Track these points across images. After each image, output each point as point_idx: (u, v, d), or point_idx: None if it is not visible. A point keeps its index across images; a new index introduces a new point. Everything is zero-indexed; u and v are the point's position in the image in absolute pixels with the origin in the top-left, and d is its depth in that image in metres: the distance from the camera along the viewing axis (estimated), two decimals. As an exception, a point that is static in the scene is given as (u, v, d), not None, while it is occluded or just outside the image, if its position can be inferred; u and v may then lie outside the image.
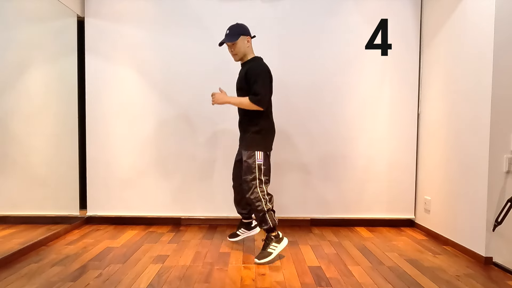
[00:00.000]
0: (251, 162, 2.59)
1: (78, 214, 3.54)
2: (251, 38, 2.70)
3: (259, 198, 2.57)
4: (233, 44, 2.63)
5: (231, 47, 2.66)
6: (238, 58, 2.70)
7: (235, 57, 2.70)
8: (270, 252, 2.57)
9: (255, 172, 2.58)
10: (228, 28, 2.66)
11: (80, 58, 3.53)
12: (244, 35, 2.65)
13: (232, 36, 2.61)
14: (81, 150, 3.56)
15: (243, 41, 2.64)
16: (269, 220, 2.59)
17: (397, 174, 3.59)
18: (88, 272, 2.37)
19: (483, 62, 2.61)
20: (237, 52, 2.65)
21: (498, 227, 2.50)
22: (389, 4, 3.53)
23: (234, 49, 2.65)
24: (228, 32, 2.64)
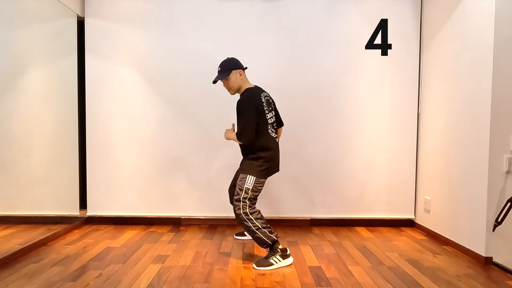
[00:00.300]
0: (240, 183, 2.60)
1: (78, 214, 3.54)
2: (243, 70, 2.69)
3: (244, 219, 2.54)
4: (226, 80, 2.65)
5: (225, 83, 2.69)
6: (233, 92, 2.71)
7: (230, 91, 2.71)
8: (271, 263, 2.50)
9: (241, 194, 2.56)
10: (219, 65, 2.67)
11: (80, 58, 3.53)
12: (236, 69, 2.65)
13: (223, 73, 2.64)
14: (81, 150, 3.56)
15: (235, 75, 2.65)
16: (263, 238, 2.52)
17: (397, 174, 3.59)
18: (88, 272, 2.37)
19: (483, 62, 2.61)
20: (231, 86, 2.67)
21: (498, 227, 2.50)
22: (389, 4, 3.53)
23: (228, 84, 2.67)
24: (219, 69, 2.66)
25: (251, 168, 2.60)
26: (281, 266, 2.51)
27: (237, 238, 3.15)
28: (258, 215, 2.56)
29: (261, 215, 2.59)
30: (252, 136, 2.55)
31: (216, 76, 2.67)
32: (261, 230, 2.52)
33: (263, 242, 2.54)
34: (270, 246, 2.54)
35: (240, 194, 2.56)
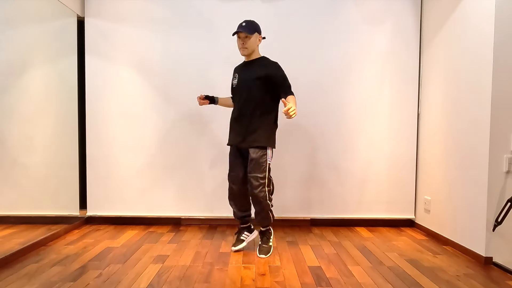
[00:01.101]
0: (262, 160, 2.59)
1: (78, 214, 3.54)
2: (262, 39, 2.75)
3: (266, 197, 2.63)
4: (246, 37, 2.63)
5: (243, 40, 2.65)
6: (247, 52, 2.69)
7: (244, 50, 2.68)
8: (271, 246, 2.73)
9: (266, 171, 2.60)
10: (244, 21, 2.66)
11: (80, 58, 3.53)
12: (258, 33, 2.69)
13: (249, 29, 2.62)
14: (81, 150, 3.56)
15: (256, 38, 2.67)
16: (271, 217, 2.72)
17: (397, 174, 3.59)
18: (88, 272, 2.37)
19: (483, 62, 2.61)
20: (248, 46, 2.65)
21: (498, 227, 2.50)
22: (389, 4, 3.53)
23: (246, 42, 2.64)
24: (244, 24, 2.64)
25: (271, 139, 2.65)
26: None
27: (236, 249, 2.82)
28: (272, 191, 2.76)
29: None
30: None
31: (238, 28, 2.62)
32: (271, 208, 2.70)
33: (270, 220, 2.74)
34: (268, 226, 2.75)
35: (265, 171, 2.59)
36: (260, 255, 2.63)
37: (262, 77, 2.63)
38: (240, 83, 2.75)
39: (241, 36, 2.65)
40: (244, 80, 2.73)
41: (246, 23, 2.65)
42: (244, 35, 2.64)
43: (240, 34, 2.65)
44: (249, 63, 2.75)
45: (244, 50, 2.69)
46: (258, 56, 2.75)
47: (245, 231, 2.93)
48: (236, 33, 2.66)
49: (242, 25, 2.65)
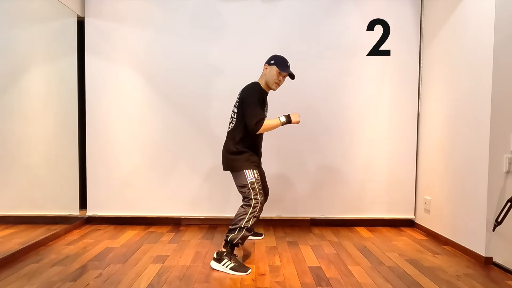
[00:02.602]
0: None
1: (78, 214, 3.54)
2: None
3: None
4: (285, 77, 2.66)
5: (283, 79, 2.66)
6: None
7: (277, 87, 2.68)
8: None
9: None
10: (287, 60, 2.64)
11: (80, 58, 3.53)
12: None
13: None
14: (81, 150, 3.56)
15: None
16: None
17: (397, 174, 3.59)
18: (88, 272, 2.37)
19: (483, 62, 2.61)
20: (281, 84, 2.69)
21: (498, 227, 2.50)
22: (389, 4, 3.53)
23: (283, 82, 2.68)
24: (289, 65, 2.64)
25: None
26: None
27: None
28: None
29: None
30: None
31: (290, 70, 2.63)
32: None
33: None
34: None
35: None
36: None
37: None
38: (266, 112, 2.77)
39: (284, 75, 2.63)
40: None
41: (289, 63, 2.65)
42: (285, 75, 2.64)
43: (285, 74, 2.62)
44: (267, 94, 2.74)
45: (277, 87, 2.68)
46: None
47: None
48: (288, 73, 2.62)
49: (289, 65, 2.63)
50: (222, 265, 2.43)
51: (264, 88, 2.64)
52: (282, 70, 2.59)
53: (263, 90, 2.63)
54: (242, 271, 2.39)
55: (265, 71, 2.64)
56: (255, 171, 2.58)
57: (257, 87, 2.61)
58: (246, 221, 2.48)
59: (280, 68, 2.58)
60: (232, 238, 2.46)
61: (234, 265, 2.42)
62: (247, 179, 2.53)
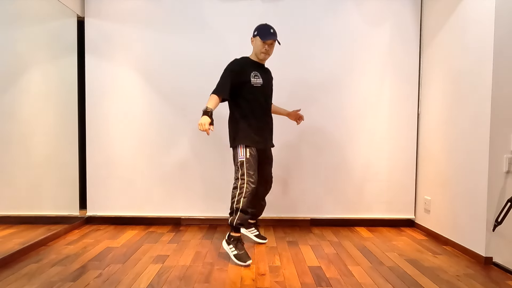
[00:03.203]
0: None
1: (78, 214, 3.54)
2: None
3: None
4: (272, 44, 2.65)
5: (269, 47, 2.65)
6: (267, 58, 2.73)
7: (266, 57, 2.70)
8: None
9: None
10: (269, 26, 2.64)
11: (80, 58, 3.53)
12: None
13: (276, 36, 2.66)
14: (81, 150, 3.56)
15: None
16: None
17: (397, 174, 3.59)
18: (88, 272, 2.37)
19: (483, 62, 2.61)
20: (271, 53, 2.69)
21: (498, 227, 2.50)
22: (389, 4, 3.53)
23: (271, 49, 2.68)
24: (272, 31, 2.63)
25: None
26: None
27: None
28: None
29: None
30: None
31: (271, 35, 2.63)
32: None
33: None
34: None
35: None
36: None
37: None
38: (265, 84, 2.75)
39: (271, 43, 2.64)
40: (267, 81, 2.79)
41: (273, 30, 2.64)
42: (271, 42, 2.64)
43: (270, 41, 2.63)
44: (262, 67, 2.78)
45: (266, 57, 2.70)
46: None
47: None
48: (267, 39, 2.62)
49: (271, 31, 2.62)
50: (229, 249, 2.59)
51: (255, 60, 2.72)
52: (264, 39, 2.61)
53: (250, 61, 2.71)
54: (242, 261, 2.49)
55: (252, 44, 2.71)
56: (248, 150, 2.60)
57: (237, 59, 2.70)
58: (236, 202, 2.56)
59: (262, 38, 2.60)
60: (231, 221, 2.59)
61: (237, 253, 2.52)
62: (238, 157, 2.62)
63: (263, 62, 2.78)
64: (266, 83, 2.76)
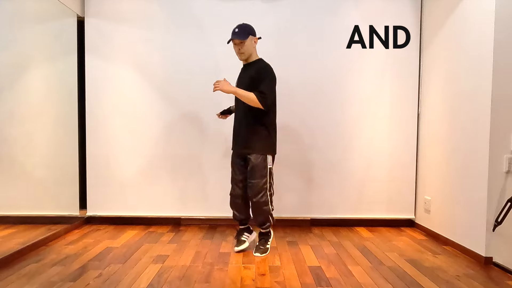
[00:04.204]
0: (262, 166, 2.61)
1: (78, 214, 3.54)
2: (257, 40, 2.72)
3: (268, 202, 2.63)
4: (241, 42, 2.62)
5: (238, 46, 2.64)
6: (244, 57, 2.69)
7: (241, 55, 2.68)
8: (268, 248, 2.71)
9: (267, 176, 2.62)
10: (236, 27, 2.64)
11: (80, 58, 3.53)
12: (253, 35, 2.66)
13: (242, 34, 2.60)
14: (81, 150, 3.56)
15: (251, 41, 2.65)
16: (271, 219, 2.71)
17: (397, 174, 3.59)
18: (88, 272, 2.37)
19: (483, 62, 2.61)
20: (244, 51, 2.65)
21: (498, 227, 2.50)
22: (389, 4, 3.53)
23: (242, 47, 2.63)
24: (237, 30, 2.62)
25: (268, 146, 2.66)
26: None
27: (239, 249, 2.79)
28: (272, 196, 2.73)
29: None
30: (271, 105, 2.60)
31: (232, 36, 2.61)
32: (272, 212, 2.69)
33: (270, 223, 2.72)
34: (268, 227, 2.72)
35: (266, 176, 2.61)
36: (255, 253, 2.63)
37: (254, 77, 2.61)
38: (238, 86, 2.74)
39: (236, 42, 2.64)
40: (241, 83, 2.74)
41: (239, 28, 2.63)
42: (239, 41, 2.63)
43: (235, 40, 2.63)
44: (247, 66, 2.75)
45: (241, 56, 2.69)
46: (255, 59, 2.73)
47: (245, 232, 2.93)
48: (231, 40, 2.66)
49: (235, 31, 2.62)
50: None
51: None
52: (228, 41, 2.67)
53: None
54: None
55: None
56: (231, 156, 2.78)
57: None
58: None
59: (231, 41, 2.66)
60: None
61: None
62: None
63: (245, 62, 2.75)
64: (238, 83, 2.75)
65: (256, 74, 2.60)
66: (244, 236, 2.88)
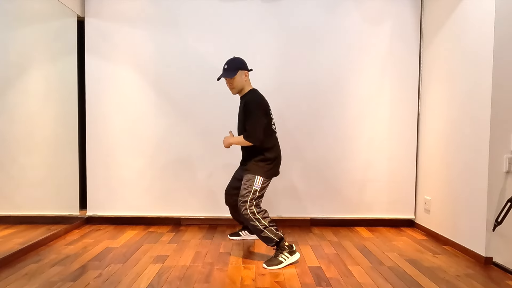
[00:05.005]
0: (248, 184, 2.60)
1: (78, 214, 3.54)
2: (248, 72, 2.70)
3: (251, 219, 2.55)
4: (231, 79, 2.64)
5: (229, 82, 2.67)
6: (235, 91, 2.71)
7: (232, 90, 2.70)
8: (281, 261, 2.51)
9: (249, 195, 2.57)
10: (226, 63, 2.66)
11: (80, 58, 3.53)
12: (242, 70, 2.65)
13: (230, 72, 2.62)
14: (81, 150, 3.56)
15: (241, 75, 2.64)
16: (270, 236, 2.54)
17: (397, 174, 3.59)
18: (88, 272, 2.37)
19: (483, 62, 2.61)
20: (234, 86, 2.66)
21: (498, 227, 2.50)
22: (389, 4, 3.53)
23: (232, 83, 2.66)
24: (226, 67, 2.64)
25: (259, 169, 2.63)
26: (290, 262, 2.53)
27: (232, 238, 3.14)
28: (264, 214, 2.59)
29: (267, 214, 2.62)
30: (261, 137, 2.57)
31: (221, 74, 2.65)
32: (268, 228, 2.54)
33: (271, 240, 2.56)
34: (277, 244, 2.56)
35: (248, 196, 2.57)
36: (264, 263, 2.53)
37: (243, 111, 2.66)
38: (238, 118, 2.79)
39: (226, 79, 2.67)
40: (238, 115, 2.78)
41: (227, 64, 2.64)
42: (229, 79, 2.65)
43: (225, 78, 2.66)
44: (242, 98, 2.74)
45: (232, 90, 2.71)
46: (247, 91, 2.71)
47: (246, 230, 3.10)
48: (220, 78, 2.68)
49: (224, 68, 2.64)
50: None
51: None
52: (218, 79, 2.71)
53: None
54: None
55: None
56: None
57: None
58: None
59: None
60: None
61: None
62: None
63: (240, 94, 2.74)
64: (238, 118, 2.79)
65: (244, 111, 2.64)
66: (242, 232, 3.10)
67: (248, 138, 2.57)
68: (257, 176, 2.61)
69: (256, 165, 2.63)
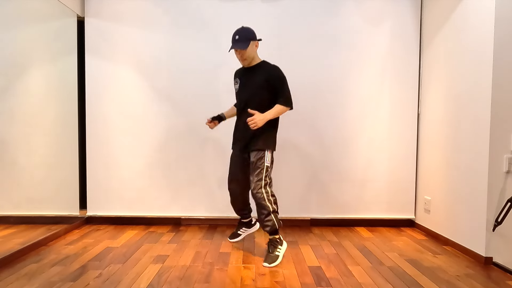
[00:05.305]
0: (259, 164, 2.60)
1: (78, 214, 3.54)
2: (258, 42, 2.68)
3: (264, 198, 2.57)
4: (244, 50, 2.58)
5: (240, 53, 2.62)
6: (247, 63, 2.66)
7: (244, 62, 2.66)
8: (278, 255, 2.58)
9: (262, 173, 2.59)
10: (236, 33, 2.59)
11: (80, 58, 3.53)
12: (254, 40, 2.61)
13: (243, 43, 2.56)
14: (81, 150, 3.56)
15: (252, 46, 2.61)
16: (274, 222, 2.60)
17: (397, 174, 3.59)
18: (88, 272, 2.37)
19: (483, 62, 2.61)
20: (246, 57, 2.62)
21: (498, 227, 2.50)
22: (389, 4, 3.53)
23: (244, 54, 2.60)
24: (237, 38, 2.57)
25: (269, 142, 2.66)
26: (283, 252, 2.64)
27: (232, 241, 3.06)
28: (275, 200, 2.66)
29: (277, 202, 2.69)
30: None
31: (232, 45, 2.59)
32: (274, 214, 2.62)
33: (273, 226, 2.61)
34: (272, 233, 2.64)
35: (262, 173, 2.59)
36: (264, 263, 2.53)
37: (263, 82, 2.61)
38: (242, 89, 2.74)
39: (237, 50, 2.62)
40: (246, 86, 2.72)
41: (239, 35, 2.58)
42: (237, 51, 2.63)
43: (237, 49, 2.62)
44: (250, 69, 2.71)
45: (244, 62, 2.67)
46: (258, 61, 2.70)
47: (243, 226, 3.06)
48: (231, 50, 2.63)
49: (236, 39, 2.58)
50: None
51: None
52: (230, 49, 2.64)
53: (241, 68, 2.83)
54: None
55: None
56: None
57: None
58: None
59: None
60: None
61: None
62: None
63: (249, 65, 2.70)
64: (242, 86, 2.74)
65: (270, 81, 2.60)
66: (241, 231, 3.06)
67: (288, 104, 2.63)
68: (266, 152, 2.63)
69: (267, 138, 2.65)
